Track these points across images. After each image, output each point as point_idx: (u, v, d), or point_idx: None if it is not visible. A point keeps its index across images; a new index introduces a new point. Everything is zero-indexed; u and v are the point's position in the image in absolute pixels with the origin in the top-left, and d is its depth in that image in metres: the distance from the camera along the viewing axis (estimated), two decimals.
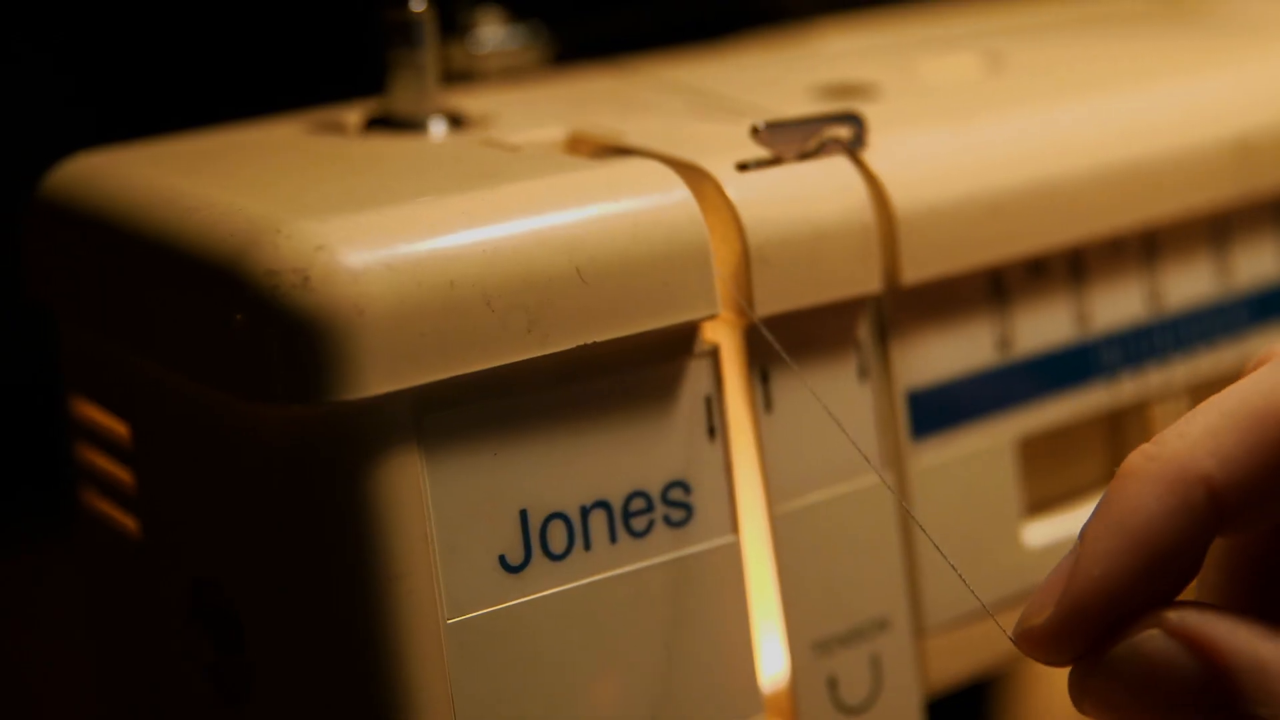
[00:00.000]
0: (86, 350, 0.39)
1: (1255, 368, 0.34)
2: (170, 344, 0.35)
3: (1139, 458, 0.32)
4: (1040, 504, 0.42)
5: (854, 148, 0.38)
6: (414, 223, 0.33)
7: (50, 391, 0.41)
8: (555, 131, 0.40)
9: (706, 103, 0.42)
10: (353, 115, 0.42)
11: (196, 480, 0.36)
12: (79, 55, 0.39)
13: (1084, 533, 0.32)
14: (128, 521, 0.39)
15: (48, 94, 0.38)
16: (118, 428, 0.38)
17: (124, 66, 0.57)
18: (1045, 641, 0.32)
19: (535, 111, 0.42)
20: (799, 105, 0.41)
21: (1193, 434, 0.32)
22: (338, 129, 0.41)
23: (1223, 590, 0.35)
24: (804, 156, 0.37)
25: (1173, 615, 0.31)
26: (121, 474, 0.38)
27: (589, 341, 0.34)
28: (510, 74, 0.48)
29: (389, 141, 0.40)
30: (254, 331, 0.32)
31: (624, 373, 0.35)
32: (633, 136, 0.38)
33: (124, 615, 0.40)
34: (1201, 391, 0.44)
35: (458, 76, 0.47)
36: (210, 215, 0.34)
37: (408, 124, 0.41)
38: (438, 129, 0.40)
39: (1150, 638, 0.31)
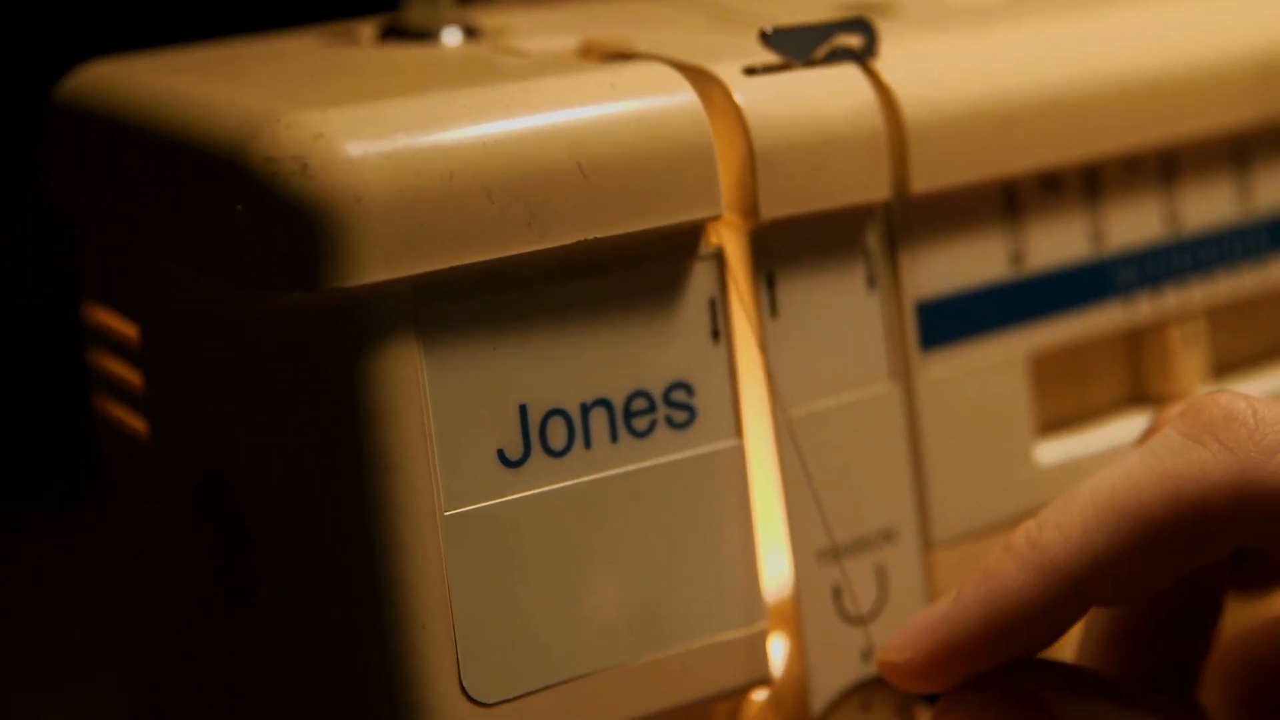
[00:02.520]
0: (99, 255, 0.40)
1: (1150, 434, 0.36)
2: (176, 237, 0.35)
3: (1022, 540, 0.35)
4: (1055, 424, 0.42)
5: (864, 56, 0.38)
6: (415, 115, 0.33)
7: (51, 390, 0.41)
8: (568, 41, 0.40)
9: (725, 17, 0.42)
10: (366, 28, 0.42)
11: (202, 377, 0.36)
12: (79, 55, 0.40)
13: (960, 592, 0.35)
14: (137, 424, 0.39)
15: (47, 93, 0.39)
16: (127, 330, 0.38)
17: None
18: (904, 678, 0.36)
19: (550, 24, 0.42)
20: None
21: (1069, 527, 0.34)
22: (350, 40, 0.42)
23: (1097, 649, 0.39)
24: (813, 63, 0.37)
25: (1019, 676, 0.35)
26: (131, 376, 0.39)
27: (589, 237, 0.34)
28: None
29: (400, 49, 0.40)
30: (253, 218, 0.32)
31: (626, 271, 0.35)
32: (644, 45, 0.38)
33: (136, 521, 0.40)
34: (1220, 315, 0.43)
35: None
36: (215, 110, 0.34)
37: (421, 34, 0.41)
38: (451, 38, 0.41)
39: (995, 696, 0.35)
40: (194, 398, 0.37)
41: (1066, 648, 0.39)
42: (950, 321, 0.39)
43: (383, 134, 0.32)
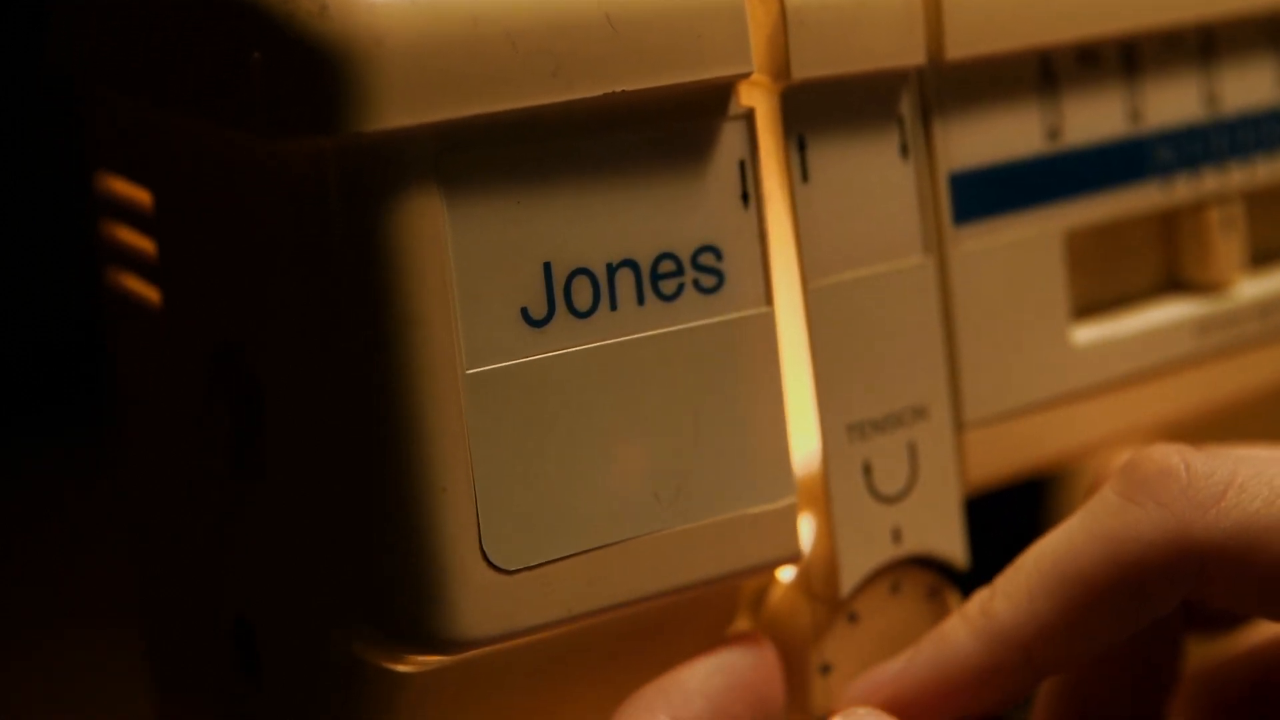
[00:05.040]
0: (109, 120, 0.39)
1: (1096, 486, 0.36)
2: (189, 86, 0.34)
3: (975, 607, 0.35)
4: (1091, 308, 0.41)
5: None
6: None
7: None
8: None
9: None
10: None
11: (217, 239, 0.35)
12: None
13: (913, 652, 0.36)
14: (150, 293, 0.38)
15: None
16: (140, 196, 0.37)
17: None
18: None
19: None
20: None
21: (1016, 595, 0.35)
22: None
23: (1058, 701, 0.39)
24: None
25: None
26: (144, 244, 0.38)
27: (616, 90, 0.33)
28: None
29: None
30: (270, 61, 0.31)
31: (654, 129, 0.34)
32: None
33: (148, 396, 0.39)
34: (1259, 202, 0.42)
35: None
36: None
37: None
38: None
39: None
40: (208, 262, 0.36)
41: None
42: (984, 195, 0.38)
43: None
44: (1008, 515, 0.46)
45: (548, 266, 0.33)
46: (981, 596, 0.36)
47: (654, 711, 0.35)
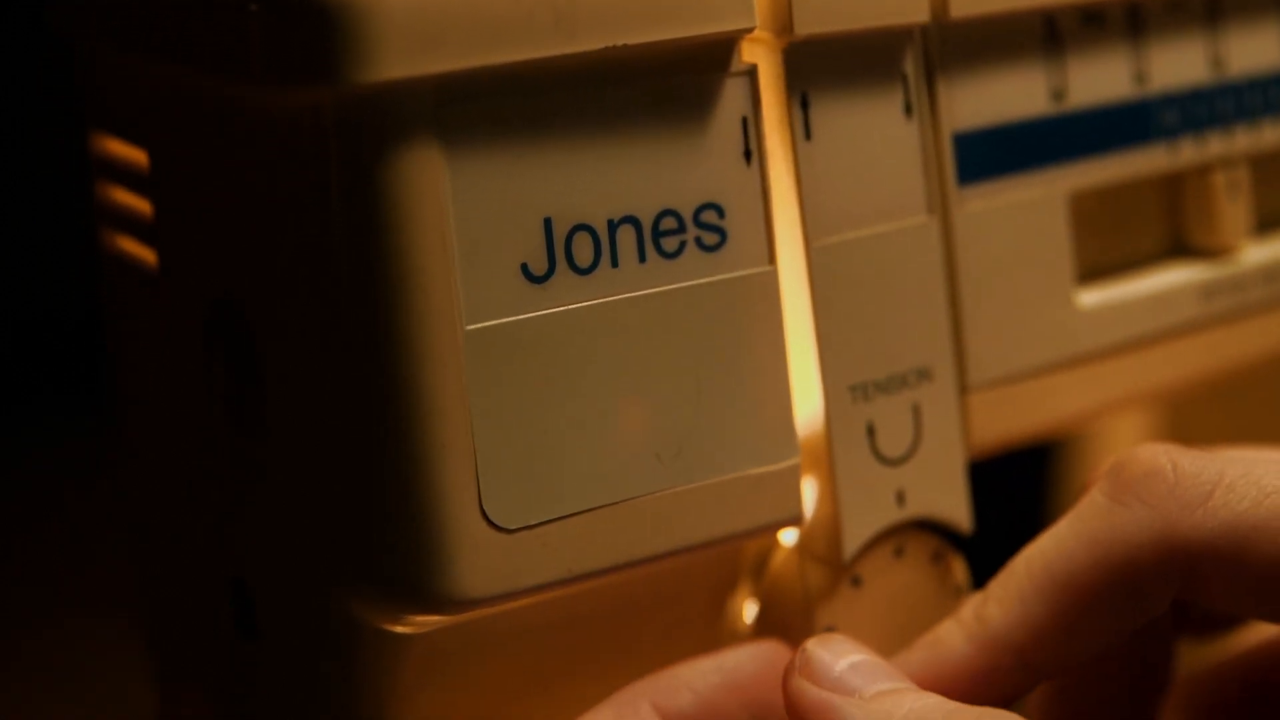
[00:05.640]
0: (106, 80, 0.38)
1: (1088, 487, 0.36)
2: (188, 41, 0.33)
3: (969, 612, 0.35)
4: (1096, 273, 0.40)
5: None
6: None
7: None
8: None
9: None
10: None
11: (214, 196, 0.35)
12: None
13: (908, 655, 0.36)
14: (146, 254, 0.37)
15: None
16: (136, 156, 0.37)
17: None
18: None
19: None
20: None
21: (1008, 600, 0.35)
22: None
23: (1051, 704, 0.39)
24: None
25: None
26: (140, 205, 0.37)
27: (618, 44, 0.32)
28: None
29: None
30: (268, 11, 0.31)
31: (656, 84, 0.33)
32: None
33: (146, 361, 0.39)
34: (1264, 163, 0.42)
35: None
36: None
37: None
38: None
39: None
40: (205, 221, 0.35)
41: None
42: (989, 155, 0.38)
43: None
44: (1012, 481, 0.46)
45: (548, 222, 0.33)
46: (975, 601, 0.36)
47: (640, 699, 0.35)
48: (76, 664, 0.74)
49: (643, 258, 0.34)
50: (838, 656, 0.34)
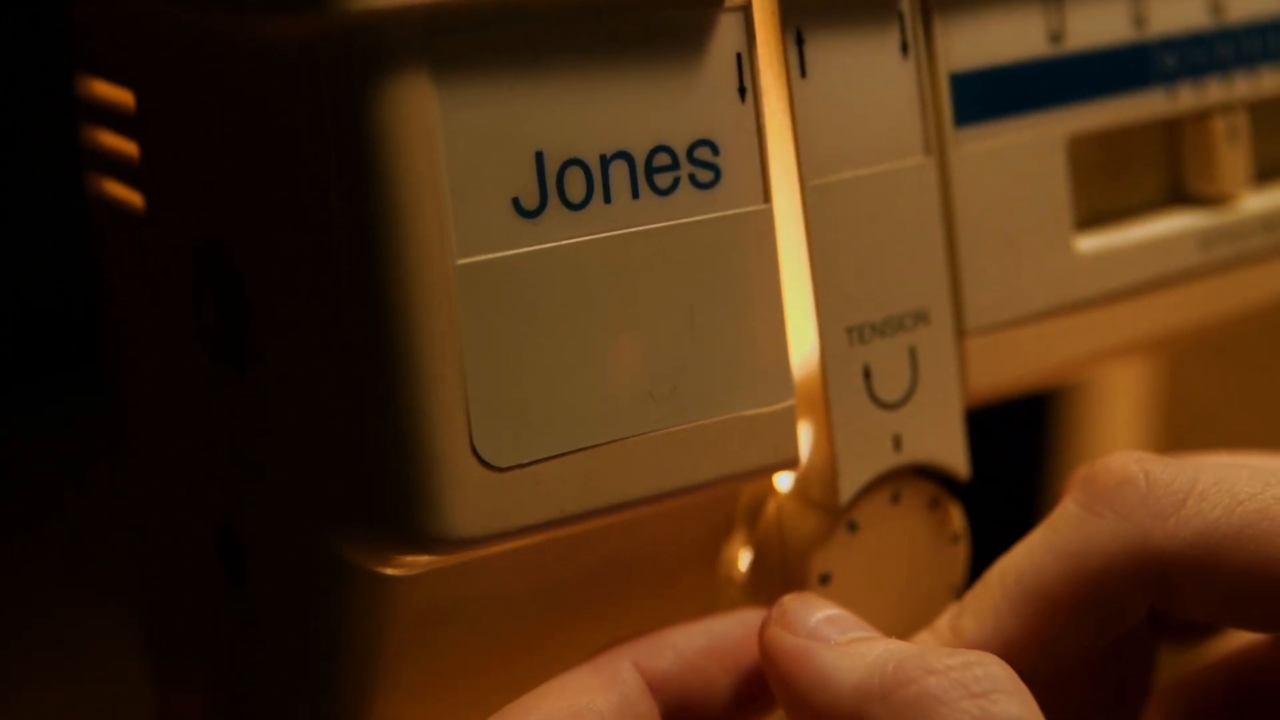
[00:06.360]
0: (92, 20, 0.38)
1: (1066, 491, 0.35)
2: None
3: (946, 625, 0.35)
4: (1095, 219, 0.40)
5: None
6: None
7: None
8: None
9: None
10: None
11: (202, 133, 0.34)
12: None
13: None
14: (133, 197, 0.37)
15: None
16: (123, 97, 0.37)
17: None
18: None
19: None
20: None
21: (983, 614, 0.34)
22: None
23: None
24: None
25: None
26: (126, 147, 0.37)
27: None
28: None
29: None
30: None
31: (650, 17, 0.33)
32: None
33: (135, 307, 0.39)
34: (1263, 111, 0.42)
35: None
36: None
37: None
38: None
39: None
40: (193, 161, 0.35)
41: None
42: (986, 97, 0.37)
43: None
44: (1008, 435, 0.45)
45: (540, 156, 0.32)
46: (951, 613, 0.35)
47: (621, 657, 0.35)
48: (71, 643, 0.73)
49: (636, 194, 0.33)
50: (813, 610, 0.34)
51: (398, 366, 0.31)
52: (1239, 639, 0.40)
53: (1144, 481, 0.34)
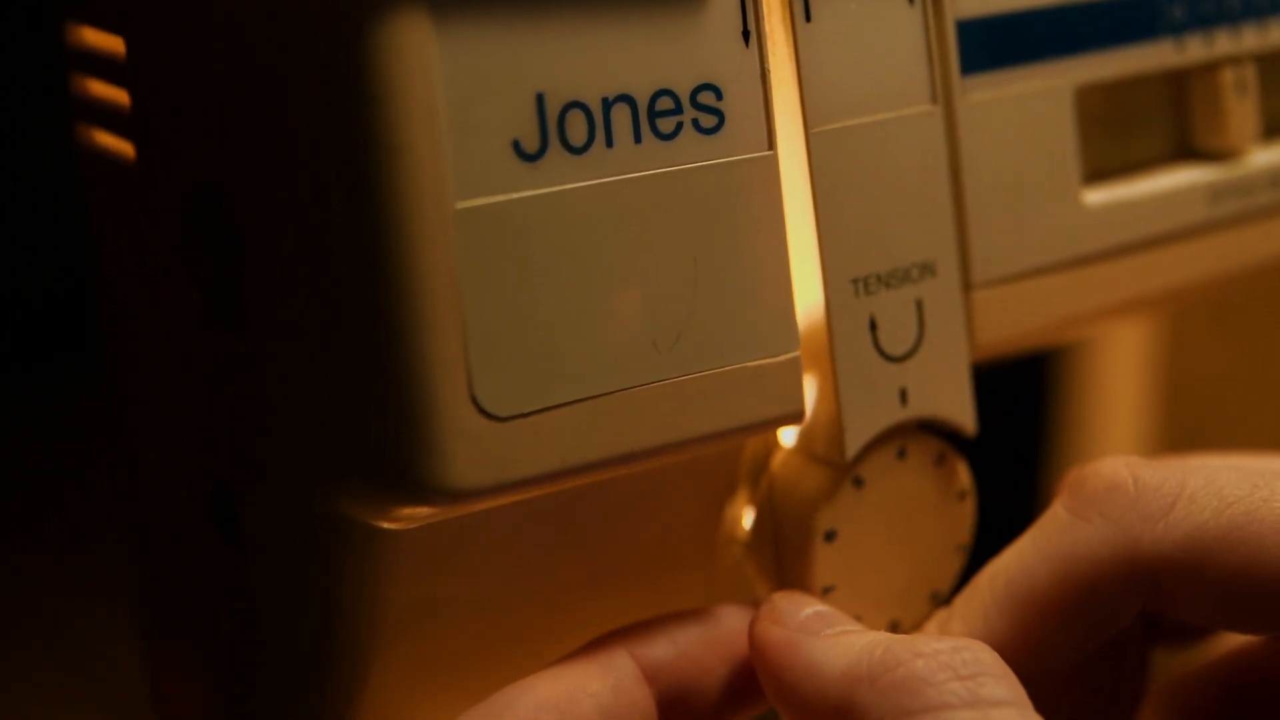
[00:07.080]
0: None
1: (1055, 495, 0.35)
2: None
3: (935, 629, 0.35)
4: (1102, 173, 0.39)
5: None
6: None
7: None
8: None
9: None
10: None
11: (193, 82, 0.33)
12: None
13: None
14: (124, 146, 0.36)
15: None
16: (113, 44, 0.36)
17: None
18: None
19: None
20: None
21: (972, 618, 0.34)
22: None
23: None
24: None
25: None
26: (117, 95, 0.36)
27: None
28: None
29: None
30: None
31: None
32: None
33: (126, 261, 0.38)
34: (1271, 62, 0.41)
35: None
36: None
37: None
38: None
39: None
40: (184, 107, 0.34)
41: None
42: (993, 45, 0.37)
43: None
44: (1012, 395, 0.45)
45: (540, 98, 0.31)
46: (939, 618, 0.35)
47: (617, 645, 0.34)
48: (67, 633, 0.73)
49: (638, 138, 0.32)
50: (802, 606, 0.34)
51: (396, 313, 0.31)
52: (1233, 640, 0.39)
53: (1133, 486, 0.34)
